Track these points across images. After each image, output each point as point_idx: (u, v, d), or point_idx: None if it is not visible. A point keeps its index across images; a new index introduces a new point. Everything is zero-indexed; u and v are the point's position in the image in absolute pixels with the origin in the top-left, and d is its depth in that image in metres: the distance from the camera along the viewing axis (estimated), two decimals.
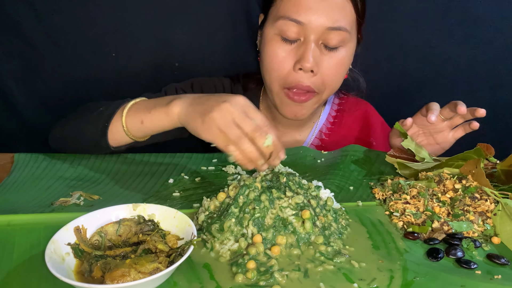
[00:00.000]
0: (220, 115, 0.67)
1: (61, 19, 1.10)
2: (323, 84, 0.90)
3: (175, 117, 0.74)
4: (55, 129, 0.90)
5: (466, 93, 1.33)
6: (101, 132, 0.80)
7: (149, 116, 0.76)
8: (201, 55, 1.20)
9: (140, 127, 0.78)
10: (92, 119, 0.83)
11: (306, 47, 0.85)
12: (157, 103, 0.76)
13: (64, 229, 0.58)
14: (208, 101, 0.70)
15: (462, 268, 0.59)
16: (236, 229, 0.62)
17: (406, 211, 0.71)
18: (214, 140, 0.68)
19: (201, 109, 0.70)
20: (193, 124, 0.70)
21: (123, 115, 0.79)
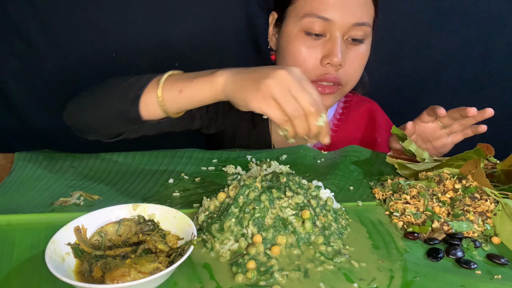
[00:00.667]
0: (276, 83, 0.62)
1: (61, 19, 1.10)
2: (347, 76, 0.92)
3: (219, 86, 0.68)
4: (72, 102, 0.85)
5: (466, 93, 1.34)
6: (132, 101, 0.74)
7: (190, 85, 0.70)
8: (201, 55, 1.20)
9: (177, 98, 0.72)
10: (120, 89, 0.77)
11: (334, 43, 0.87)
12: (198, 74, 0.71)
13: (64, 229, 0.58)
14: (259, 69, 0.66)
15: (462, 268, 0.59)
16: (236, 229, 0.62)
17: (406, 211, 0.71)
18: (268, 111, 0.63)
19: (253, 76, 0.64)
20: (243, 93, 0.64)
21: (160, 83, 0.73)
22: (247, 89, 0.64)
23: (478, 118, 0.84)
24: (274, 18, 0.98)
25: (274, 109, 0.63)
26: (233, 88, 0.66)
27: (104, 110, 0.79)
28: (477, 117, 0.84)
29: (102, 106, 0.79)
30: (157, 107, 0.74)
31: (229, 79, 0.67)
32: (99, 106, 0.80)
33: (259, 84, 0.63)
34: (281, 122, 0.64)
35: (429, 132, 0.92)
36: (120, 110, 0.76)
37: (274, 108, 0.63)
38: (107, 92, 0.80)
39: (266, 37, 1.20)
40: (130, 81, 0.77)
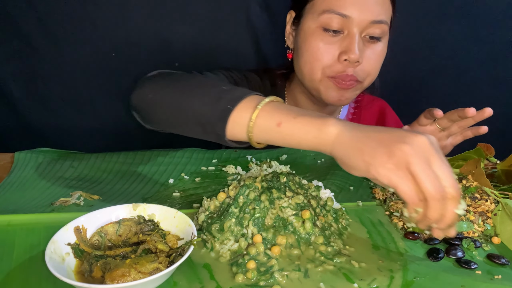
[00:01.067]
0: (415, 151, 0.50)
1: (61, 19, 1.10)
2: (364, 73, 0.93)
3: (329, 137, 0.57)
4: (146, 87, 0.75)
5: (466, 93, 1.33)
6: (220, 114, 0.63)
7: (292, 121, 0.60)
8: (201, 55, 1.20)
9: (272, 130, 0.61)
10: (208, 94, 0.66)
11: (352, 39, 0.87)
12: (303, 112, 0.61)
13: (64, 229, 0.58)
14: (388, 130, 0.54)
15: (462, 268, 0.59)
16: (236, 229, 0.62)
17: None
18: (400, 183, 0.50)
19: (382, 136, 0.53)
20: (367, 155, 0.52)
21: (259, 106, 0.62)
22: (373, 151, 0.52)
23: (477, 118, 0.82)
24: (292, 17, 0.99)
25: (409, 183, 0.50)
26: (350, 146, 0.55)
27: (184, 112, 0.68)
28: (476, 118, 0.82)
29: (183, 106, 0.68)
30: (244, 130, 0.63)
31: (345, 133, 0.56)
32: (179, 105, 0.69)
33: (393, 148, 0.51)
34: (414, 202, 0.51)
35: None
36: (203, 119, 0.66)
37: (409, 182, 0.50)
38: (193, 92, 0.69)
39: (266, 36, 1.20)
40: (220, 88, 0.67)
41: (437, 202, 0.50)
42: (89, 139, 1.16)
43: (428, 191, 0.50)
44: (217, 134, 0.65)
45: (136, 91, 0.76)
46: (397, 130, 0.55)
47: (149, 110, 0.75)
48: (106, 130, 1.23)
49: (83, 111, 1.21)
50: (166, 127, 0.75)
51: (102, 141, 1.15)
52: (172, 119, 0.71)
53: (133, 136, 1.23)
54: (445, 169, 0.51)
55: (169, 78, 0.75)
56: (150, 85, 0.75)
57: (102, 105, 1.21)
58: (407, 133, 0.53)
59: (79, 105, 1.20)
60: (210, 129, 0.65)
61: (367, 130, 0.55)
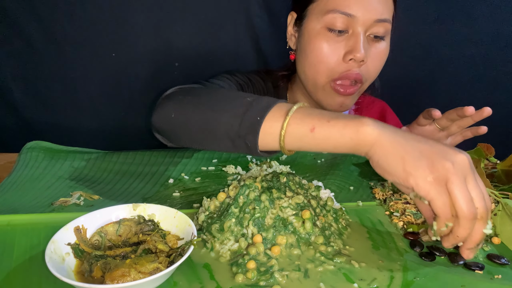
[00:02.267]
0: (457, 169, 0.52)
1: (61, 19, 1.10)
2: (367, 73, 0.92)
3: (368, 139, 0.56)
4: (167, 107, 0.72)
5: (465, 93, 1.34)
6: (250, 127, 0.62)
7: (326, 125, 0.59)
8: (201, 55, 1.20)
9: (306, 136, 0.60)
10: (234, 108, 0.64)
11: (357, 39, 0.87)
12: (335, 115, 0.60)
13: (64, 229, 0.58)
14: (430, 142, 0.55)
15: (462, 268, 0.59)
16: (236, 229, 0.62)
17: (406, 211, 0.71)
18: (438, 198, 0.52)
19: (426, 148, 0.53)
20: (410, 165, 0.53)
21: (289, 114, 0.61)
22: (416, 162, 0.52)
23: (476, 118, 0.81)
24: (293, 18, 0.98)
25: (445, 199, 0.52)
26: (391, 151, 0.54)
27: (212, 128, 0.66)
28: (475, 117, 0.81)
29: (210, 123, 0.66)
30: (276, 140, 0.62)
31: (386, 136, 0.55)
32: (206, 122, 0.67)
33: (435, 163, 0.52)
34: (447, 217, 0.53)
35: (427, 135, 0.91)
36: (232, 134, 0.64)
37: (446, 197, 0.52)
38: (216, 106, 0.67)
39: (266, 36, 1.20)
40: (246, 100, 0.65)
41: (468, 221, 0.52)
42: (89, 139, 1.16)
43: (461, 210, 0.51)
44: (248, 147, 0.63)
45: (158, 112, 0.74)
46: (437, 143, 0.55)
47: (175, 130, 0.72)
48: (106, 130, 1.23)
49: (83, 111, 1.21)
50: (193, 144, 0.73)
51: (102, 141, 1.15)
52: (199, 137, 0.69)
53: (133, 136, 1.23)
54: (478, 190, 0.53)
55: (190, 96, 0.72)
56: (171, 105, 0.72)
57: (102, 105, 1.21)
58: (449, 149, 0.54)
59: (79, 105, 1.20)
60: (240, 143, 0.64)
61: (408, 137, 0.55)
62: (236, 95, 0.68)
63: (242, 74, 1.03)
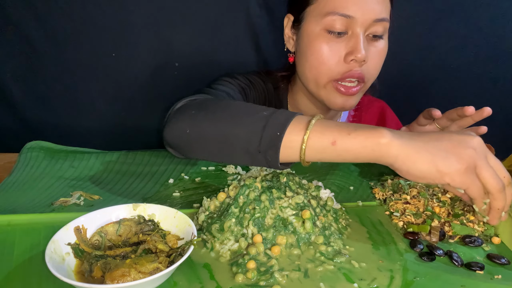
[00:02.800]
0: (478, 153, 0.58)
1: (61, 19, 1.10)
2: (369, 73, 0.93)
3: (390, 149, 0.58)
4: (181, 122, 0.71)
5: (466, 93, 1.34)
6: (270, 143, 0.62)
7: (346, 138, 0.60)
8: (201, 55, 1.20)
9: (327, 149, 0.61)
10: (252, 123, 0.65)
11: (357, 39, 0.87)
12: (356, 126, 0.62)
13: (64, 229, 0.58)
14: (443, 136, 0.60)
15: (462, 268, 0.59)
16: (236, 229, 0.62)
17: (406, 211, 0.71)
18: (473, 186, 0.58)
19: (444, 146, 0.58)
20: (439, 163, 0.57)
21: (309, 127, 0.62)
22: (447, 161, 0.57)
23: (476, 118, 0.81)
24: (290, 20, 0.98)
25: (477, 183, 0.59)
26: (418, 158, 0.58)
27: (229, 143, 0.66)
28: (475, 117, 0.81)
29: (227, 138, 0.66)
30: (296, 153, 0.63)
31: (408, 145, 0.58)
32: (223, 138, 0.67)
33: (462, 155, 0.57)
34: (482, 197, 0.60)
35: None
36: (251, 149, 0.64)
37: (477, 181, 0.59)
38: (232, 121, 0.67)
39: (266, 36, 1.20)
40: (261, 114, 0.65)
41: (501, 193, 0.59)
42: (89, 139, 1.16)
43: (493, 187, 0.59)
44: (268, 161, 0.64)
45: (170, 127, 0.72)
46: (451, 135, 0.60)
47: (190, 145, 0.72)
48: (106, 130, 1.23)
49: (83, 111, 1.21)
50: (208, 158, 0.74)
51: (102, 141, 1.15)
52: (216, 152, 0.69)
53: (133, 136, 1.23)
54: (498, 162, 0.61)
55: (204, 110, 0.71)
56: (185, 119, 0.71)
57: (102, 105, 1.21)
58: (464, 137, 0.59)
59: (79, 105, 1.20)
60: (260, 158, 0.64)
61: (425, 139, 0.60)
62: (252, 109, 0.68)
63: (243, 76, 1.03)
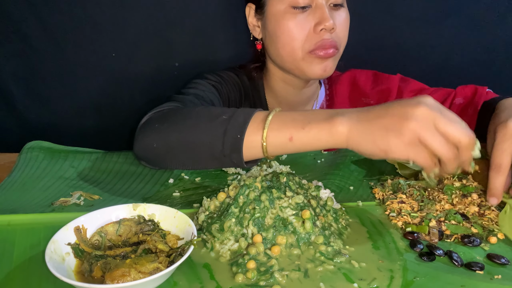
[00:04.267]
0: (421, 124, 0.56)
1: (61, 19, 1.10)
2: (339, 39, 0.97)
3: (342, 137, 0.61)
4: (147, 137, 0.74)
5: None
6: (232, 146, 0.66)
7: (302, 132, 0.63)
8: (201, 55, 1.20)
9: (286, 145, 0.65)
10: (213, 130, 0.68)
11: (322, 9, 0.91)
12: (311, 118, 0.64)
13: (64, 229, 0.58)
14: (388, 110, 0.59)
15: (462, 268, 0.59)
16: (236, 229, 0.62)
17: (402, 211, 0.71)
18: (418, 158, 0.58)
19: (387, 121, 0.58)
20: (381, 143, 0.58)
21: (265, 127, 0.65)
22: (385, 138, 0.58)
23: None
24: (251, 9, 1.02)
25: (423, 153, 0.58)
26: (363, 140, 0.60)
27: (195, 152, 0.70)
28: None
29: (192, 148, 0.70)
30: (259, 151, 0.67)
31: (354, 129, 0.60)
32: (188, 147, 0.70)
33: (401, 129, 0.57)
34: (431, 167, 0.59)
35: None
36: (216, 154, 0.68)
37: (423, 152, 0.57)
38: (196, 130, 0.70)
39: None
40: (221, 118, 0.68)
41: (452, 161, 0.58)
42: (89, 139, 1.16)
43: (441, 154, 0.57)
44: (234, 163, 0.68)
45: (138, 143, 0.76)
46: (394, 109, 0.59)
47: (159, 158, 0.75)
48: (106, 130, 1.23)
49: (83, 111, 1.21)
50: (179, 168, 0.78)
51: (102, 141, 1.15)
52: (185, 161, 0.73)
53: (133, 136, 1.23)
54: (452, 125, 0.57)
55: (167, 122, 0.74)
56: (150, 134, 0.74)
57: (102, 105, 1.21)
58: (407, 108, 0.58)
59: (79, 105, 1.20)
60: (226, 161, 0.68)
61: (371, 117, 0.60)
62: (212, 114, 0.71)
63: (213, 74, 1.05)
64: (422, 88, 1.11)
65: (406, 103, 0.59)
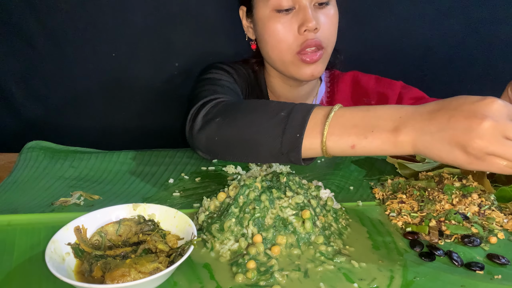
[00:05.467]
0: (488, 140, 0.53)
1: (61, 19, 1.10)
2: (325, 38, 0.97)
3: (406, 147, 0.60)
4: (210, 130, 0.75)
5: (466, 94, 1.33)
6: (291, 146, 0.66)
7: (364, 142, 0.62)
8: (201, 55, 1.20)
9: (346, 151, 0.64)
10: (270, 127, 0.68)
11: (305, 11, 0.92)
12: (373, 124, 0.62)
13: (64, 229, 0.58)
14: (450, 120, 0.56)
15: (462, 268, 0.59)
16: (236, 229, 0.62)
17: (402, 211, 0.71)
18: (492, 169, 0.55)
19: (450, 135, 0.56)
20: (450, 158, 0.57)
21: (325, 132, 0.64)
22: (453, 156, 0.56)
23: None
24: (244, 12, 1.04)
25: (499, 165, 0.55)
26: (431, 151, 0.58)
27: (254, 148, 0.70)
28: None
29: (251, 144, 0.70)
30: (318, 153, 0.66)
31: (419, 141, 0.58)
32: (248, 144, 0.71)
33: (466, 148, 0.55)
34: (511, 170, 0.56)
35: None
36: (274, 152, 0.68)
37: (498, 164, 0.55)
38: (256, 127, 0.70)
39: None
40: (279, 116, 0.68)
41: None
42: (89, 139, 1.16)
43: None
44: (292, 161, 0.68)
45: (200, 134, 0.76)
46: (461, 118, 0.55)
47: (218, 150, 0.76)
48: (106, 130, 1.23)
49: (83, 111, 1.21)
50: (236, 160, 0.84)
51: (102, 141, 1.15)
52: (242, 155, 0.74)
53: (133, 136, 1.23)
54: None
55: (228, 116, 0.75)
56: (212, 127, 0.75)
57: (102, 105, 1.21)
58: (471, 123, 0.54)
59: (79, 105, 1.20)
60: (284, 158, 0.68)
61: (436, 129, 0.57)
62: (270, 109, 0.71)
63: (227, 65, 1.07)
64: (422, 97, 1.12)
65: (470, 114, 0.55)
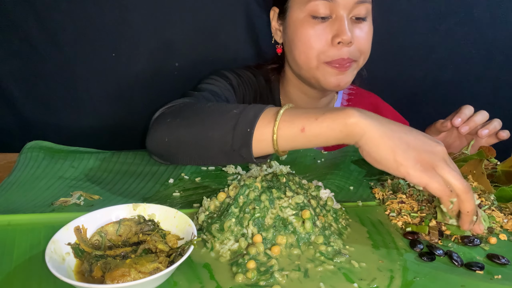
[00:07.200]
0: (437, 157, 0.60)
1: (61, 19, 1.10)
2: (358, 52, 0.95)
3: (356, 129, 0.60)
4: (160, 131, 0.74)
5: (466, 94, 1.34)
6: (242, 140, 0.65)
7: (315, 123, 0.63)
8: (201, 55, 1.20)
9: (297, 136, 0.64)
10: (224, 124, 0.67)
11: (341, 22, 0.90)
12: (324, 110, 0.64)
13: (65, 229, 0.58)
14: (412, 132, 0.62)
15: (462, 268, 0.59)
16: (236, 229, 0.62)
17: (402, 211, 0.71)
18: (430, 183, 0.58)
19: (409, 139, 0.60)
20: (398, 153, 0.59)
21: (277, 119, 0.65)
22: (405, 154, 0.58)
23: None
24: (275, 13, 1.01)
25: (438, 179, 0.59)
26: (381, 143, 0.59)
27: (205, 146, 0.70)
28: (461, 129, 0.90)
29: (202, 142, 0.69)
30: (269, 145, 0.66)
31: (374, 128, 0.60)
32: (199, 142, 0.70)
33: (421, 154, 0.59)
34: (447, 193, 0.59)
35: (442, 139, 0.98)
36: (226, 148, 0.67)
37: (438, 178, 0.59)
38: (208, 125, 0.69)
39: (266, 36, 1.20)
40: (232, 113, 0.68)
41: (467, 194, 0.59)
42: (89, 139, 1.16)
43: (458, 186, 0.59)
44: (244, 158, 0.67)
45: (150, 137, 0.76)
46: (420, 134, 0.62)
47: (170, 152, 0.75)
48: (106, 130, 1.23)
49: (83, 111, 1.21)
50: (190, 163, 0.80)
51: (102, 141, 1.15)
52: (194, 156, 0.73)
53: (133, 136, 1.23)
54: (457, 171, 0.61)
55: (179, 118, 0.74)
56: (162, 128, 0.74)
57: (102, 105, 1.21)
58: (430, 141, 0.61)
59: (79, 105, 1.20)
60: (235, 156, 0.68)
61: (394, 129, 0.61)
62: (224, 109, 0.71)
63: (232, 71, 1.04)
64: None
65: (430, 137, 0.62)
